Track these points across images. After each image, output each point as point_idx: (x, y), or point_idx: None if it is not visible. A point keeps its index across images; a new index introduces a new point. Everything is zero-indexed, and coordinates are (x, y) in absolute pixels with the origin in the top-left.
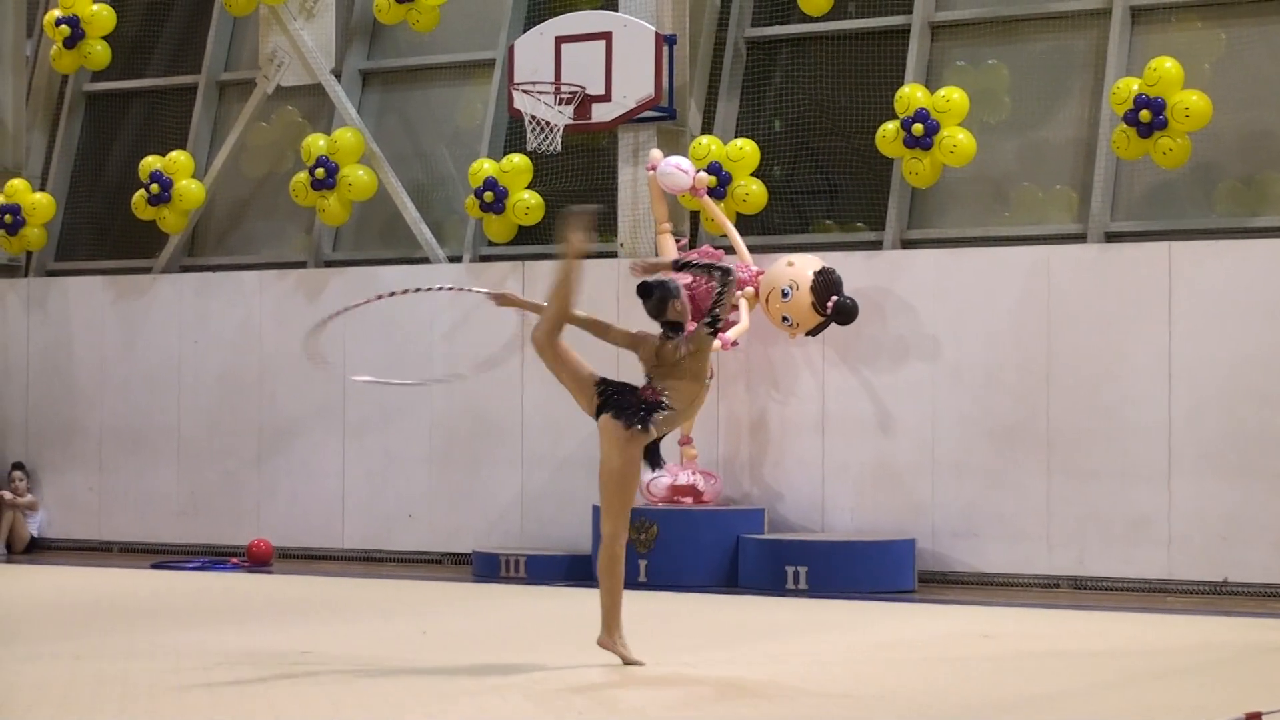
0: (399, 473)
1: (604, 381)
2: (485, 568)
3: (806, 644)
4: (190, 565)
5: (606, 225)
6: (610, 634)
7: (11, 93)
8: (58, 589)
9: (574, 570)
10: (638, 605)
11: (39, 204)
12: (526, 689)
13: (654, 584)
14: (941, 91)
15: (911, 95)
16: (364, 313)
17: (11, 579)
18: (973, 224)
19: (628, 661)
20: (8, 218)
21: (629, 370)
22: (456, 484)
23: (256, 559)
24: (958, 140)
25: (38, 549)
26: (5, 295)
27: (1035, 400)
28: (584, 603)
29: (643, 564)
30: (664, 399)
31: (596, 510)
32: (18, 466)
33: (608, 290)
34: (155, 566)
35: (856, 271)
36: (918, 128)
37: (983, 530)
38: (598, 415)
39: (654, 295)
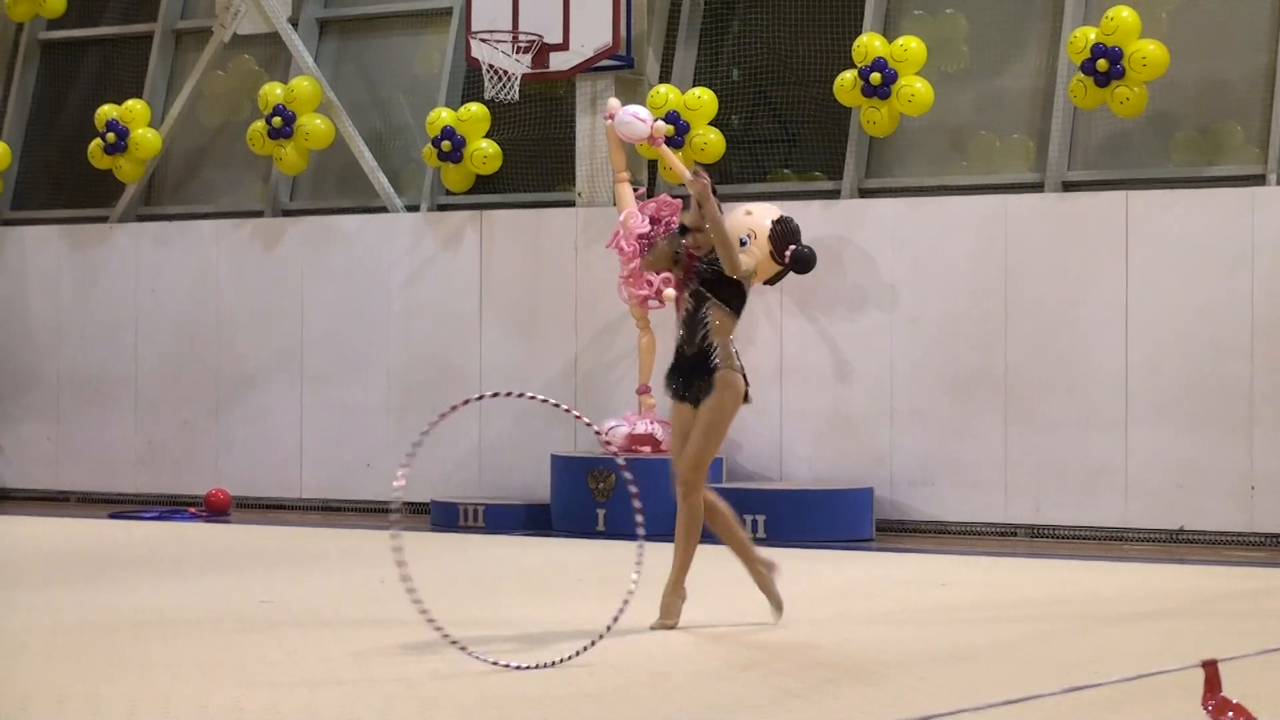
0: (357, 422)
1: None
2: (444, 517)
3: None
4: (148, 515)
5: (564, 174)
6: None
7: None
8: (14, 539)
9: (532, 519)
10: (595, 555)
11: None
12: (483, 639)
13: (612, 533)
14: (899, 40)
15: (869, 44)
16: (322, 263)
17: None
18: (931, 173)
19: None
20: None
21: None
22: (415, 433)
23: (214, 508)
24: (915, 89)
25: None
26: None
27: (993, 349)
28: (542, 552)
29: (601, 513)
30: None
31: (555, 459)
32: None
33: (566, 240)
34: (113, 516)
35: (814, 220)
36: (875, 77)
37: (940, 479)
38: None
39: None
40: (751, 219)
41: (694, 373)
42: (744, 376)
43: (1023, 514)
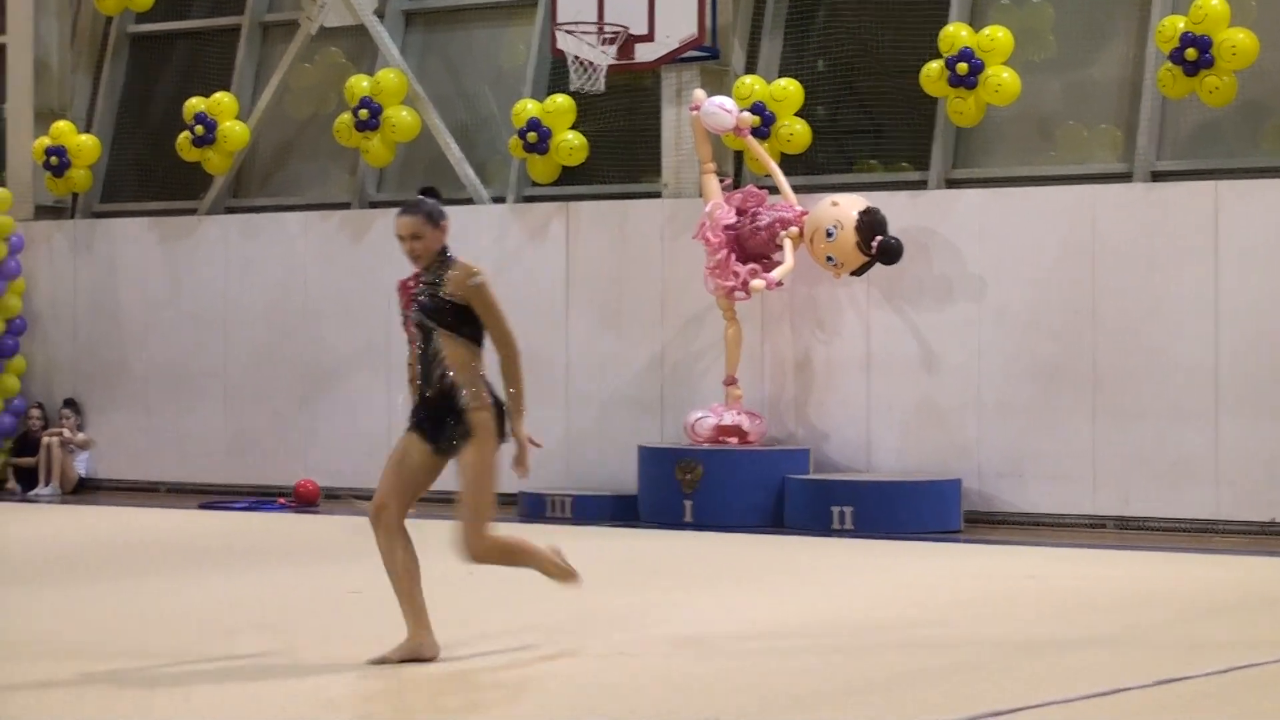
0: None
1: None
2: (531, 508)
3: (852, 584)
4: (237, 505)
5: (650, 165)
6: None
7: (56, 35)
8: (107, 529)
9: (619, 510)
10: (683, 545)
11: (84, 146)
12: (568, 628)
13: (699, 524)
14: (986, 30)
15: (956, 34)
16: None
17: (61, 519)
18: (1017, 163)
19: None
20: (54, 160)
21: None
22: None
23: (303, 499)
24: (1002, 79)
25: (86, 489)
26: (52, 237)
27: (1080, 340)
28: (629, 542)
29: (688, 504)
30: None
31: (642, 450)
32: (69, 404)
33: (652, 231)
34: (203, 507)
35: (901, 211)
36: (962, 67)
37: (1028, 470)
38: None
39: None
40: (838, 210)
41: (440, 417)
42: (497, 407)
43: (1111, 506)
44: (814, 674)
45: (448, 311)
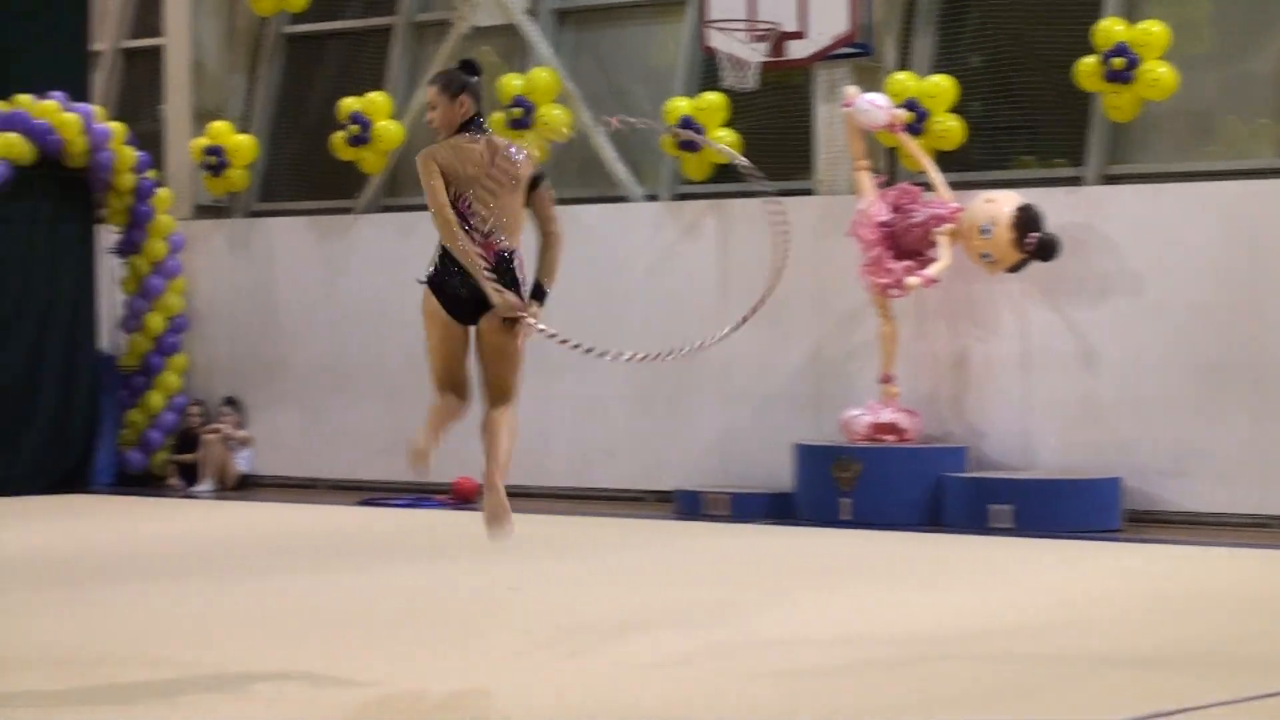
0: (599, 411)
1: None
2: (688, 505)
3: (1011, 584)
4: (397, 502)
5: (803, 162)
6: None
7: (213, 36)
8: (265, 525)
9: (776, 508)
10: (839, 543)
11: (241, 146)
12: (725, 625)
13: (857, 522)
14: (1141, 24)
15: (1110, 29)
16: (565, 253)
17: (223, 515)
18: (1175, 158)
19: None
20: (212, 160)
21: None
22: (658, 421)
23: (462, 496)
24: (1159, 74)
25: (247, 486)
26: (211, 236)
27: (1242, 336)
28: (788, 541)
29: (845, 502)
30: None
31: (798, 448)
32: (228, 402)
33: (806, 228)
34: (363, 503)
35: (1057, 207)
36: (1117, 61)
37: (1190, 469)
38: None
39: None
40: (993, 207)
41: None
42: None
43: (1277, 505)
44: (945, 679)
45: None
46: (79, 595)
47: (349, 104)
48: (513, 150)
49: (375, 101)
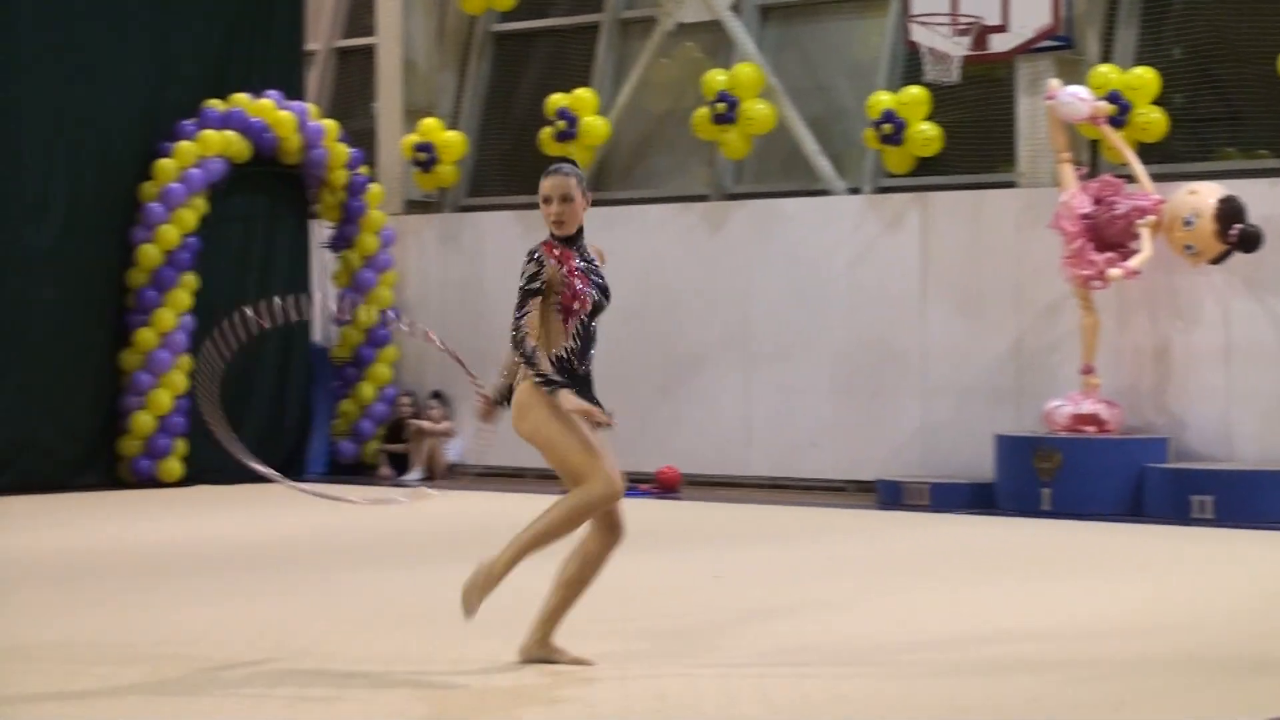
0: (802, 402)
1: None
2: (889, 495)
3: (1216, 575)
4: None
5: (1005, 155)
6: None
7: (423, 35)
8: (473, 513)
9: (976, 498)
10: (1040, 533)
11: (451, 142)
12: (922, 615)
13: (1057, 512)
14: None
15: None
16: (766, 246)
17: (431, 502)
18: None
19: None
20: (422, 156)
21: None
22: (859, 413)
23: (665, 485)
24: None
25: (455, 475)
26: (421, 230)
27: None
28: (987, 531)
29: (1046, 492)
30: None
31: (999, 438)
32: (436, 395)
33: (1007, 221)
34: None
35: (1260, 199)
36: None
37: None
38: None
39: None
40: (1196, 198)
41: (589, 396)
42: None
43: None
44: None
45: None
46: (294, 581)
47: (556, 100)
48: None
49: (582, 98)
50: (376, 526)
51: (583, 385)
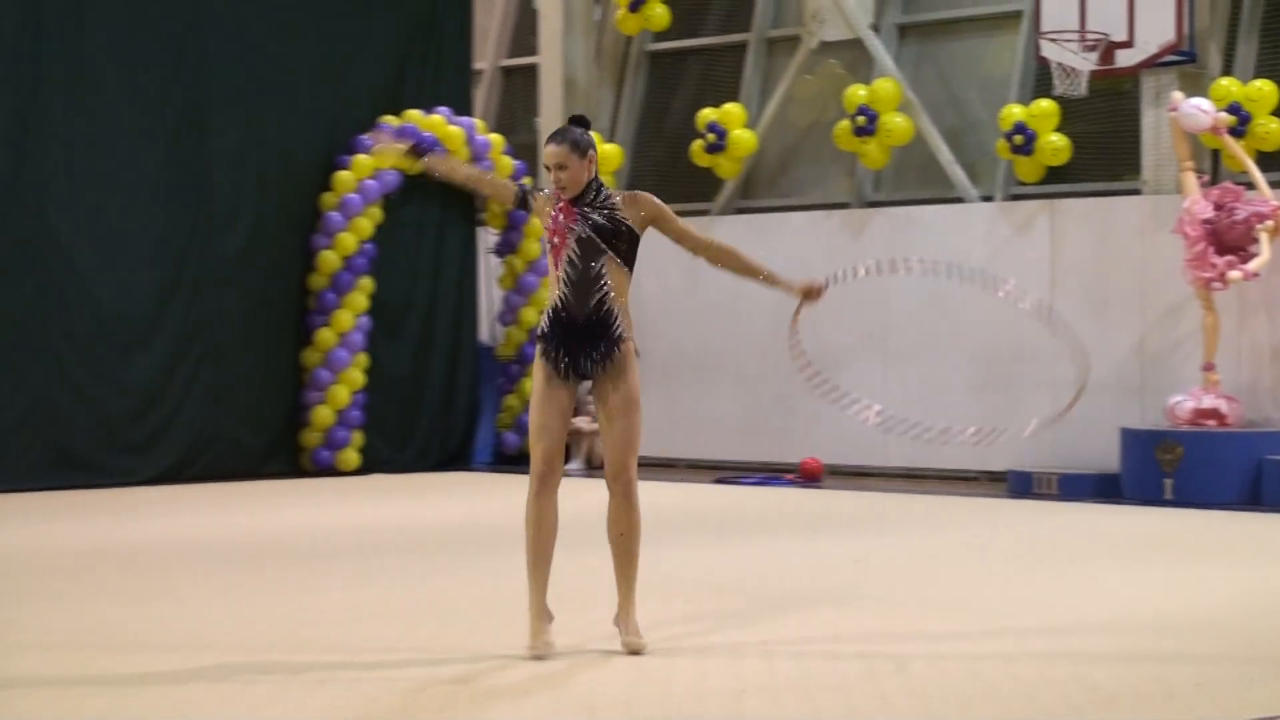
0: (938, 397)
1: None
2: (1019, 485)
3: None
4: (749, 480)
5: (1130, 164)
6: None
7: (582, 54)
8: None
9: (1102, 488)
10: (1163, 521)
11: (608, 154)
12: (1052, 598)
13: (1179, 501)
14: None
15: None
16: (903, 250)
17: (587, 491)
18: None
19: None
20: None
21: None
22: (991, 407)
23: (808, 475)
24: None
25: None
26: None
27: None
28: (1113, 519)
29: (1168, 483)
30: None
31: (1124, 432)
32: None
33: (1132, 226)
34: (717, 481)
35: None
36: None
37: None
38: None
39: None
40: None
41: (586, 342)
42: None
43: None
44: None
45: (624, 236)
46: (454, 562)
47: (706, 114)
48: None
49: (731, 112)
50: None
51: (585, 335)
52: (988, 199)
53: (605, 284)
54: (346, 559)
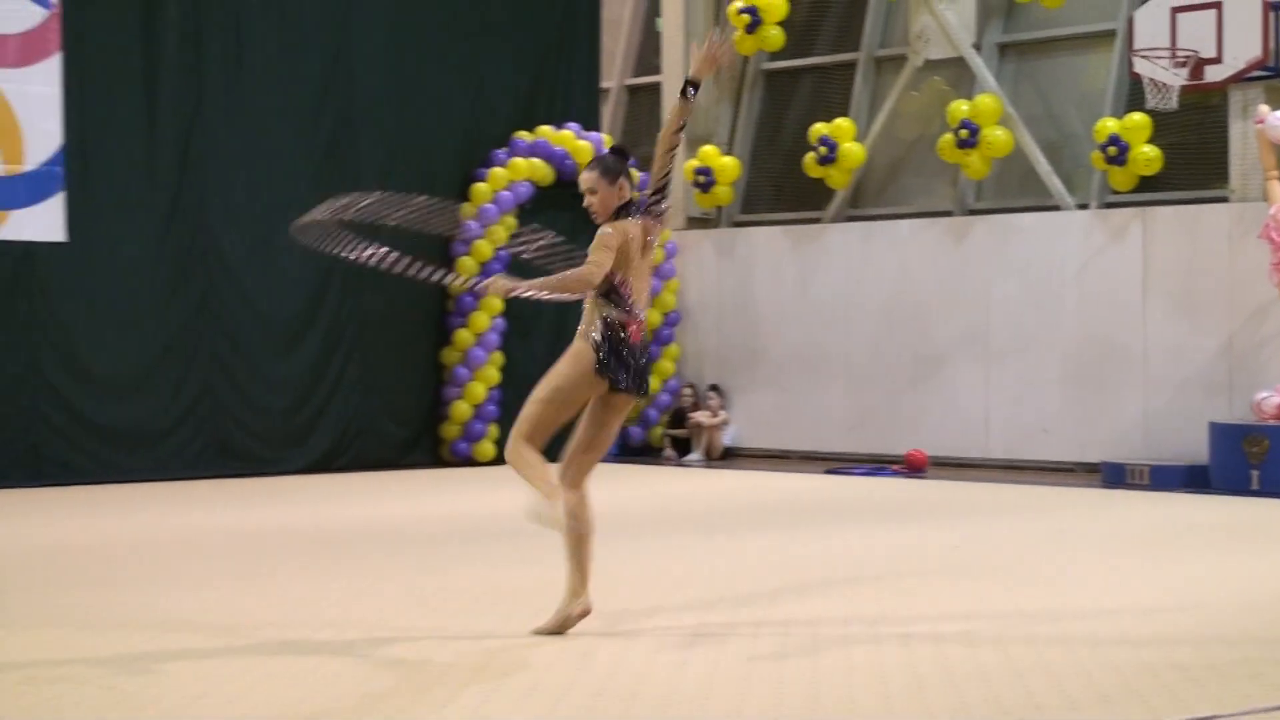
0: (1035, 393)
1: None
2: (1113, 476)
3: None
4: (858, 471)
5: (1218, 174)
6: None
7: None
8: (743, 490)
9: (1192, 479)
10: (1249, 511)
11: (726, 166)
12: (1136, 583)
13: (1265, 492)
14: None
15: None
16: (1004, 256)
17: (706, 480)
18: None
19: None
20: (701, 178)
21: None
22: (1086, 403)
23: (913, 466)
24: None
25: (730, 457)
26: (700, 243)
27: None
28: (1202, 508)
29: (1255, 474)
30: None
31: (1213, 426)
32: (713, 388)
33: (1220, 232)
34: (828, 472)
35: None
36: None
37: None
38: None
39: None
40: None
41: (643, 362)
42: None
43: None
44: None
45: None
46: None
47: (818, 129)
48: (655, 226)
49: (841, 127)
50: (660, 501)
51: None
52: (1083, 207)
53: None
54: (482, 543)
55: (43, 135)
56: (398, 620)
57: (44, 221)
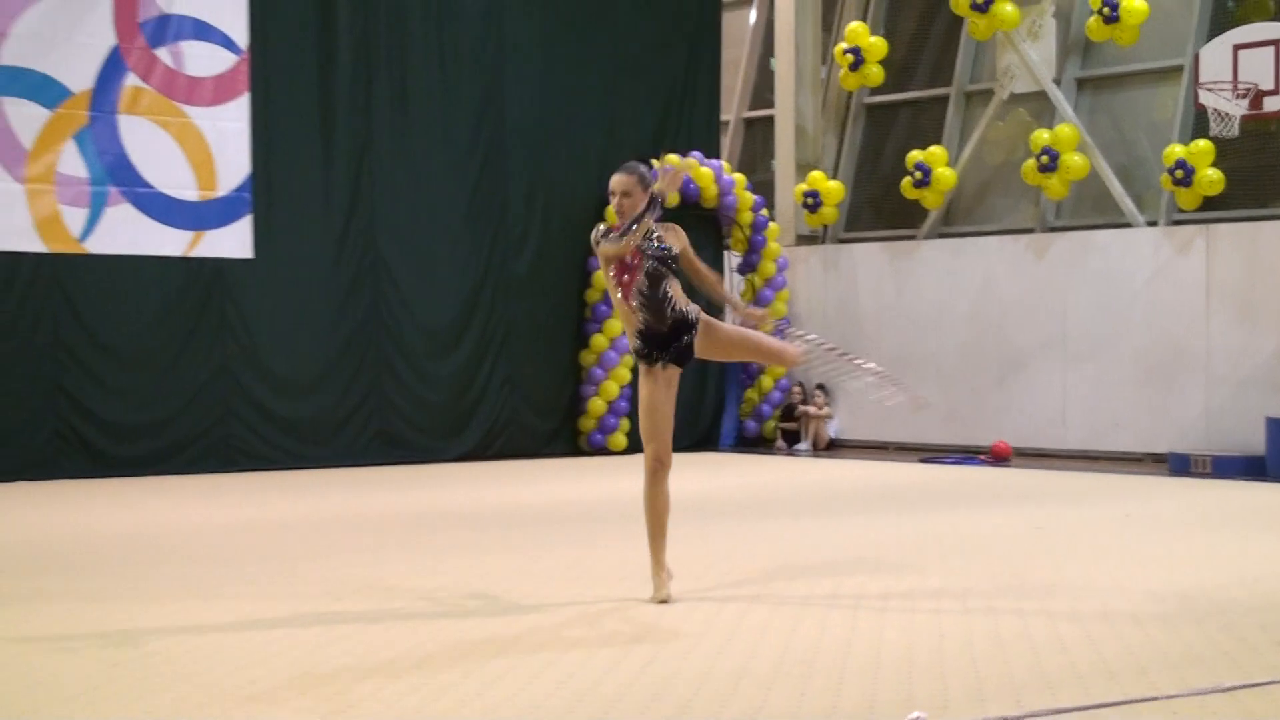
0: (1108, 391)
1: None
2: (1178, 465)
3: None
4: (948, 460)
5: (1277, 194)
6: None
7: (810, 107)
8: (846, 477)
9: (1250, 468)
10: None
11: (832, 189)
12: (1198, 560)
13: None
14: None
15: None
16: (1080, 269)
17: (813, 469)
18: None
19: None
20: (809, 200)
21: None
22: (1155, 400)
23: (998, 456)
24: None
25: (834, 448)
26: (809, 258)
27: None
28: (1260, 495)
29: None
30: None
31: (1270, 420)
32: (820, 387)
33: (1276, 247)
34: (922, 461)
35: None
36: None
37: None
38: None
39: None
40: None
41: (676, 340)
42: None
43: None
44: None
45: (672, 257)
46: (711, 528)
47: (914, 156)
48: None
49: (934, 154)
50: (767, 485)
51: (672, 336)
52: (1152, 224)
53: (671, 297)
54: (614, 523)
55: (233, 165)
56: (552, 591)
57: (234, 241)
